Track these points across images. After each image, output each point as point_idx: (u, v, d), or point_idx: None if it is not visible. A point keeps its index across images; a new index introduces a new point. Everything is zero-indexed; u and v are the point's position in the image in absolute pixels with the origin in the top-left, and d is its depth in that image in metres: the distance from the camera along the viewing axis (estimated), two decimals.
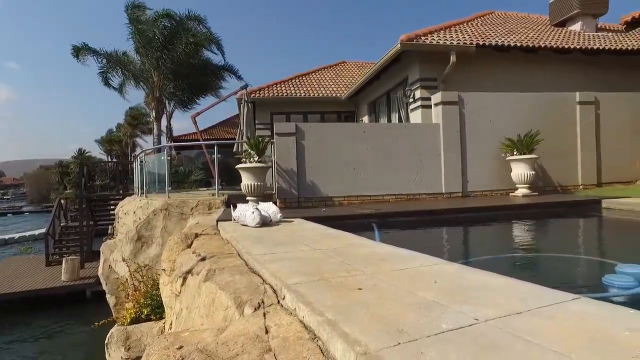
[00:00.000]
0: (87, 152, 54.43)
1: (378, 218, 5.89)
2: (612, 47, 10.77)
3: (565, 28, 13.37)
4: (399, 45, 9.25)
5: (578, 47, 10.58)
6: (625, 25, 9.54)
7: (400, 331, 1.51)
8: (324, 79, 17.06)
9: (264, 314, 2.03)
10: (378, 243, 3.50)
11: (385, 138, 8.23)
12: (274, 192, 7.95)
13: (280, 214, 5.14)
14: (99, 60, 19.21)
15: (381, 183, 8.10)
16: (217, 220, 5.43)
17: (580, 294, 1.92)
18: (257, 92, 15.24)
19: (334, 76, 17.31)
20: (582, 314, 1.62)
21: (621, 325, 1.48)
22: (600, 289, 2.56)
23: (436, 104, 8.56)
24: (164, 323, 5.07)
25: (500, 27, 12.28)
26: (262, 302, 2.22)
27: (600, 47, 10.71)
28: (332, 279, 2.31)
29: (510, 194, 8.49)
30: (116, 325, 6.03)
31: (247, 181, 7.35)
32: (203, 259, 3.36)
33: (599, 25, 13.51)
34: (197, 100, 21.92)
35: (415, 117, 9.95)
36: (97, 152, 60.02)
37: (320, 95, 15.37)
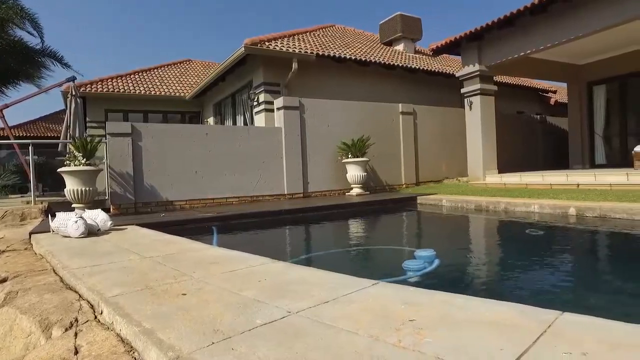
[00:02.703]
0: None
1: (219, 221, 5.86)
2: (426, 68, 12.76)
3: (392, 47, 15.33)
4: (242, 48, 9.33)
5: (401, 64, 12.22)
6: (432, 52, 11.39)
7: (216, 331, 1.56)
8: (167, 76, 16.10)
9: (76, 334, 1.86)
10: (213, 247, 3.51)
11: (228, 140, 8.22)
12: (107, 197, 7.23)
13: (110, 222, 4.71)
14: None
15: (225, 185, 8.06)
16: (31, 233, 4.71)
17: (381, 279, 2.26)
18: (89, 85, 13.57)
19: (178, 74, 16.48)
20: (376, 296, 1.92)
21: (401, 301, 1.80)
22: (401, 272, 3.05)
23: (278, 109, 8.92)
24: None
25: (339, 40, 13.40)
26: (76, 320, 2.03)
27: (417, 67, 12.57)
28: (157, 287, 2.24)
29: (346, 193, 9.35)
30: None
31: (72, 186, 6.51)
32: (3, 281, 2.88)
33: (416, 48, 15.87)
34: (5, 90, 18.20)
35: (260, 120, 10.17)
36: None
37: (163, 93, 14.47)
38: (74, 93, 9.41)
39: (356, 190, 9.07)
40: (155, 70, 16.52)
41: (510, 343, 1.33)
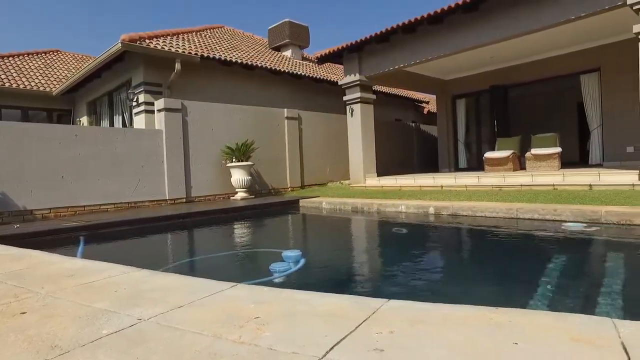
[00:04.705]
0: None
1: (88, 230, 5.42)
2: (312, 75, 13.26)
3: (280, 52, 15.61)
4: (119, 44, 8.70)
5: (287, 70, 12.51)
6: (317, 60, 11.91)
7: (54, 347, 1.51)
8: (28, 67, 14.19)
9: None
10: (72, 259, 3.26)
11: (102, 143, 7.61)
12: None
13: None
14: None
15: (99, 192, 7.46)
16: None
17: (245, 282, 2.36)
18: None
19: (43, 66, 14.64)
20: (231, 297, 2.01)
21: (252, 301, 1.92)
22: (267, 274, 3.19)
23: (159, 110, 8.52)
24: None
25: (226, 42, 13.23)
26: None
27: (303, 74, 13.00)
28: None
29: (231, 197, 9.30)
30: None
31: None
32: None
33: (304, 55, 16.40)
34: None
35: (140, 121, 9.59)
36: None
37: (22, 86, 12.74)
38: None
39: (241, 194, 9.07)
40: (11, 58, 14.40)
41: (335, 330, 1.52)
